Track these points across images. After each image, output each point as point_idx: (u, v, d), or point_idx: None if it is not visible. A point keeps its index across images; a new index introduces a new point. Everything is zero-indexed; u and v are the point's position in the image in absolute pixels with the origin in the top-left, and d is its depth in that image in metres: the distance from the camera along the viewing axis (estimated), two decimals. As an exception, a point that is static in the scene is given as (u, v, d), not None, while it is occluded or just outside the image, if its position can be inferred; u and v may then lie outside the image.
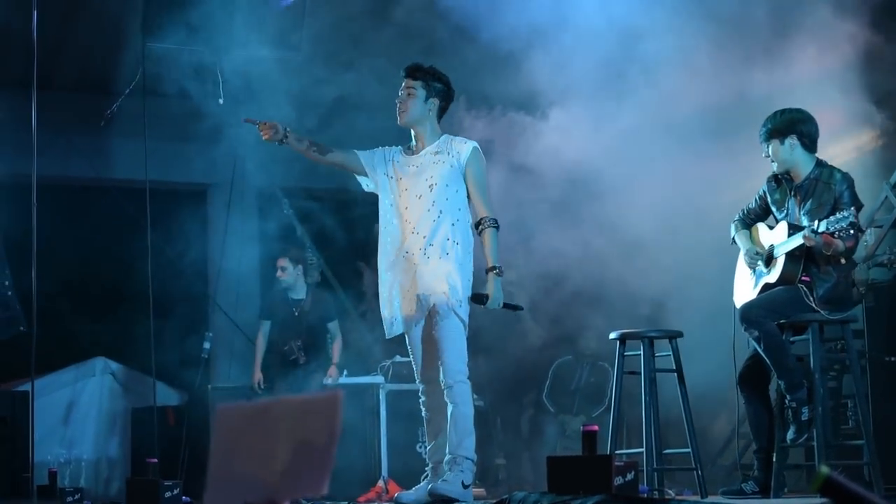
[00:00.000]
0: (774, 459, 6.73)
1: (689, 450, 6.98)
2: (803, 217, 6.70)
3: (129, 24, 9.70)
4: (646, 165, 8.94)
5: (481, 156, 6.69)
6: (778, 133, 6.78)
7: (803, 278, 6.68)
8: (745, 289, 7.00)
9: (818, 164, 6.80)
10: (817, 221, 6.43)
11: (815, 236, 6.43)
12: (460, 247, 6.54)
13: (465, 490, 6.39)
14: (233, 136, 10.54)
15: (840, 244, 6.44)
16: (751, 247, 6.98)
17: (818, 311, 6.64)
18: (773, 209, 6.96)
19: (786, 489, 6.81)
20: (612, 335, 7.17)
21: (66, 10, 10.31)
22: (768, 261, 6.83)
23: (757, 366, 6.82)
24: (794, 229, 6.68)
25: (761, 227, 7.05)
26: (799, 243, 6.57)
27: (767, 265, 6.83)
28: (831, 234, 6.34)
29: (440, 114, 6.77)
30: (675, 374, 7.08)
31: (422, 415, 6.72)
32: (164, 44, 9.65)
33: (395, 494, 6.88)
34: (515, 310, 6.83)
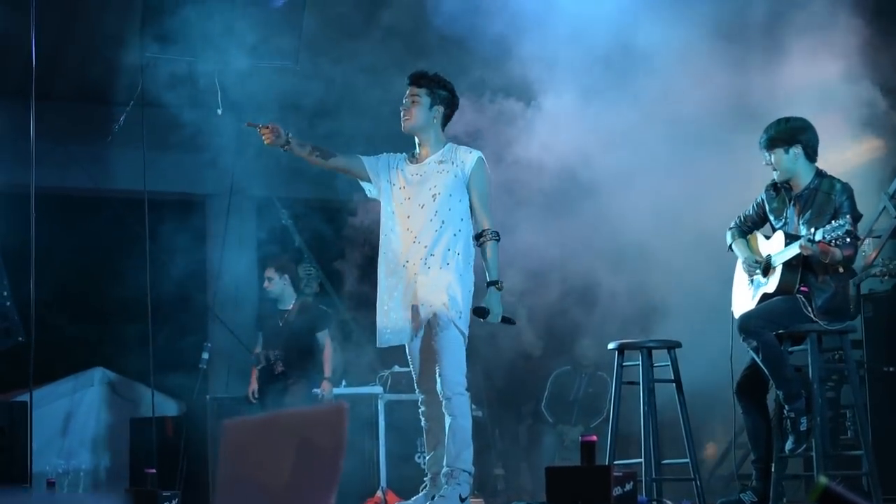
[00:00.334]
0: (773, 470, 6.72)
1: (688, 460, 6.98)
2: (802, 227, 6.70)
3: (127, 34, 9.70)
4: (643, 165, 8.88)
5: (486, 166, 6.64)
6: (782, 142, 6.77)
7: (801, 289, 6.68)
8: (744, 298, 6.99)
9: (818, 173, 6.80)
10: (813, 230, 6.43)
11: (812, 245, 6.43)
12: (461, 257, 6.48)
13: (463, 503, 6.37)
14: (231, 146, 10.54)
15: (837, 252, 6.44)
16: (749, 255, 6.98)
17: (817, 322, 6.64)
18: (771, 218, 6.95)
19: (784, 499, 6.80)
20: (611, 345, 7.16)
21: (65, 20, 10.32)
22: (766, 270, 6.83)
23: (755, 376, 6.82)
24: (790, 239, 6.68)
25: (759, 236, 7.05)
26: (795, 253, 6.57)
27: (765, 275, 6.83)
28: (827, 242, 6.35)
29: (445, 121, 6.71)
30: (674, 385, 7.08)
31: (421, 425, 6.70)
32: (163, 55, 9.65)
33: (393, 505, 6.88)
34: (509, 324, 6.80)
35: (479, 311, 6.51)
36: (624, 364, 7.10)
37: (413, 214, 6.56)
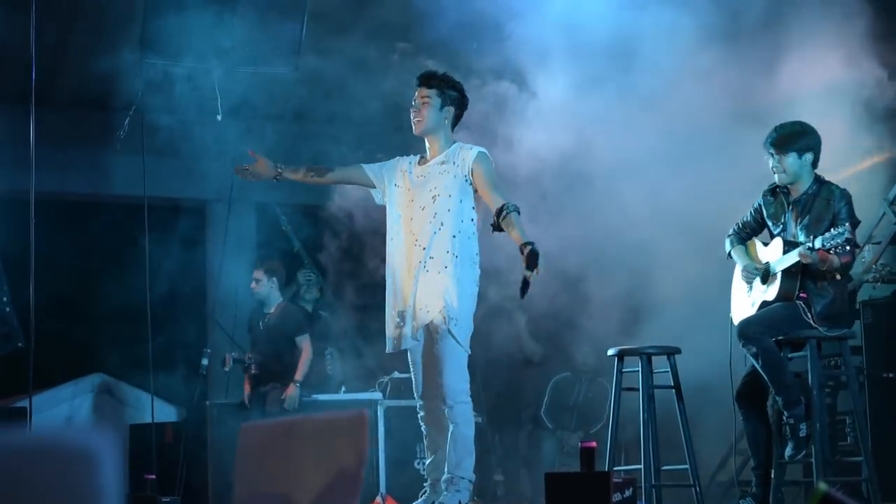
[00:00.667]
0: (772, 476, 6.72)
1: (688, 466, 6.97)
2: (800, 232, 6.70)
3: (127, 40, 9.69)
4: (644, 164, 8.84)
5: (489, 157, 6.52)
6: (797, 147, 6.75)
7: (801, 295, 6.68)
8: (743, 305, 6.99)
9: (816, 179, 6.80)
10: (812, 238, 6.43)
11: (811, 253, 6.43)
12: (459, 260, 6.38)
13: (462, 510, 6.37)
14: (231, 151, 10.53)
15: (835, 260, 6.44)
16: (749, 262, 6.98)
17: (816, 328, 6.64)
18: (769, 223, 6.95)
19: (784, 505, 6.81)
20: (611, 351, 7.16)
21: (65, 26, 10.32)
22: (765, 277, 6.82)
23: (755, 382, 6.82)
24: (789, 246, 6.68)
25: (757, 242, 7.05)
26: (794, 261, 6.57)
27: (764, 282, 6.83)
28: (827, 250, 6.35)
29: (455, 122, 6.64)
30: (674, 391, 7.08)
31: (420, 430, 6.69)
32: (163, 60, 9.65)
33: (393, 511, 6.86)
34: (525, 288, 6.22)
35: (524, 286, 6.10)
36: (623, 370, 7.10)
37: (415, 217, 6.51)
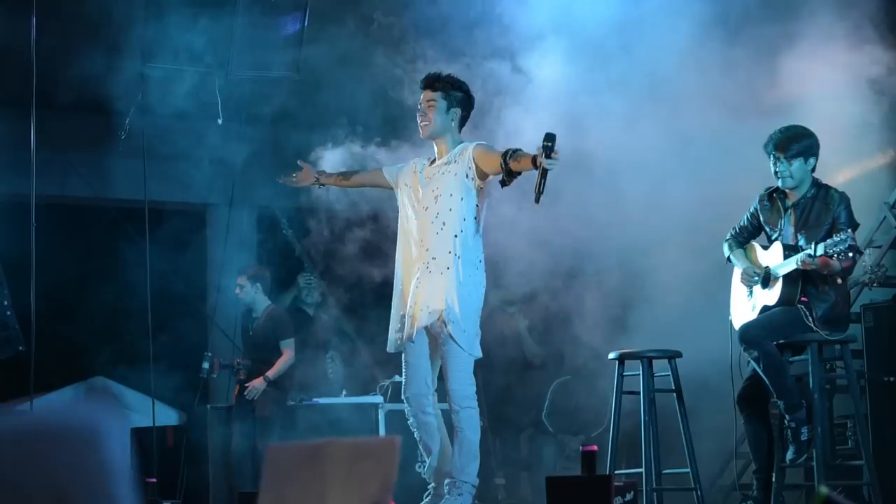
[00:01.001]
0: (774, 479, 6.72)
1: (689, 470, 6.97)
2: (800, 237, 6.69)
3: (128, 44, 9.70)
4: (644, 161, 8.80)
5: (486, 143, 6.48)
6: (805, 152, 6.75)
7: (802, 299, 6.68)
8: (744, 309, 6.98)
9: (814, 183, 6.80)
10: (814, 244, 6.42)
11: (812, 260, 6.43)
12: (462, 261, 6.35)
13: (464, 514, 6.36)
14: (232, 155, 10.54)
15: (837, 265, 6.44)
16: (748, 265, 6.96)
17: (817, 332, 6.64)
18: (766, 228, 6.95)
19: (785, 509, 6.80)
20: (611, 355, 7.15)
21: (65, 30, 10.32)
22: (765, 281, 6.82)
23: (756, 386, 6.81)
24: (789, 250, 6.67)
25: (756, 246, 7.04)
26: (795, 267, 6.56)
27: (765, 286, 6.82)
28: (829, 256, 6.34)
29: (461, 123, 6.61)
30: (675, 394, 7.08)
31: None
32: (164, 64, 9.66)
33: (395, 514, 6.84)
34: (539, 188, 5.98)
35: (538, 193, 5.93)
36: (624, 374, 7.10)
37: (419, 218, 6.50)
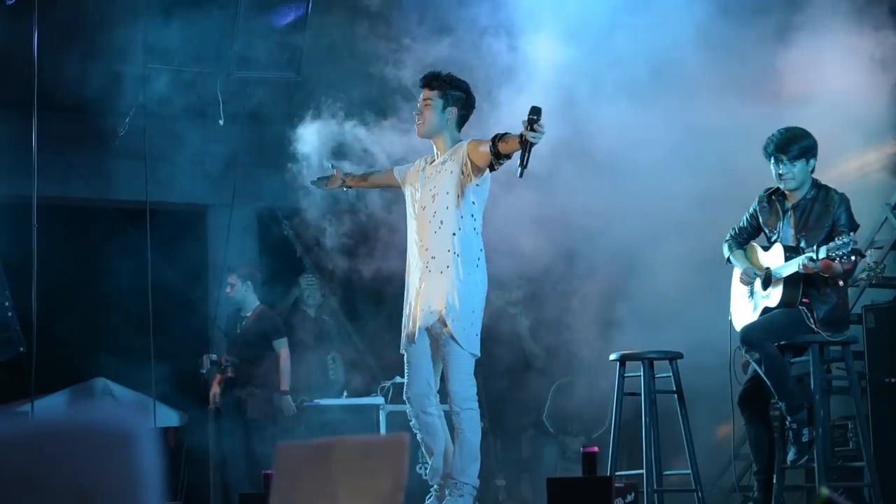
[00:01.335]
0: (774, 481, 6.72)
1: (690, 471, 6.97)
2: (801, 238, 6.69)
3: (129, 44, 9.70)
4: (647, 160, 8.77)
5: (479, 138, 6.42)
6: (807, 153, 6.75)
7: (803, 300, 6.68)
8: (745, 311, 6.98)
9: (814, 184, 6.80)
10: (816, 247, 6.42)
11: (814, 264, 6.43)
12: (461, 259, 6.33)
13: (464, 516, 6.36)
14: (233, 156, 10.54)
15: (839, 268, 6.44)
16: (749, 266, 6.96)
17: (819, 333, 6.64)
18: (765, 230, 6.95)
19: (786, 511, 6.80)
20: (612, 356, 7.15)
21: (67, 30, 10.32)
22: (766, 283, 6.81)
23: (757, 387, 6.81)
24: (790, 252, 6.67)
25: (757, 247, 7.04)
26: (796, 270, 6.56)
27: (766, 287, 6.82)
28: (832, 259, 6.34)
29: (460, 122, 6.58)
30: (676, 395, 7.08)
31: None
32: (165, 65, 9.66)
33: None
34: (524, 161, 5.95)
35: (525, 155, 5.90)
36: (626, 375, 7.10)
37: (419, 217, 6.50)
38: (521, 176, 5.97)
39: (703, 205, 8.35)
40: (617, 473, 7.13)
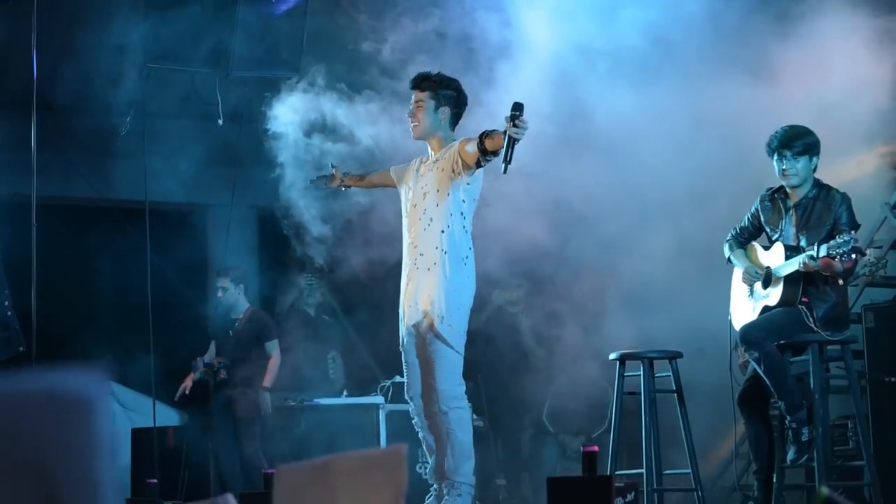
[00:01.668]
0: (774, 480, 6.71)
1: (690, 470, 6.97)
2: (801, 237, 6.69)
3: (129, 44, 9.71)
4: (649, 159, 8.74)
5: (468, 137, 6.36)
6: (811, 151, 6.76)
7: (802, 299, 6.68)
8: (745, 310, 6.98)
9: (816, 183, 6.80)
10: (816, 245, 6.42)
11: (814, 262, 6.43)
12: (449, 257, 6.32)
13: (464, 515, 6.35)
14: (232, 156, 10.54)
15: (839, 266, 6.43)
16: (749, 265, 6.96)
17: (818, 332, 6.63)
18: (767, 229, 6.95)
19: (786, 510, 6.79)
20: (612, 356, 7.15)
21: (66, 31, 10.33)
22: (766, 282, 6.81)
23: (757, 386, 6.80)
24: (791, 251, 6.66)
25: (757, 247, 7.04)
26: (796, 269, 6.56)
27: (766, 286, 6.82)
28: (832, 257, 6.34)
29: (454, 121, 6.57)
30: (675, 395, 7.07)
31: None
32: (164, 64, 9.66)
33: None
34: (507, 157, 5.96)
35: (508, 150, 5.91)
36: (625, 374, 7.09)
37: (411, 215, 6.52)
38: (506, 172, 6.00)
39: (698, 186, 8.34)
40: (617, 473, 7.12)
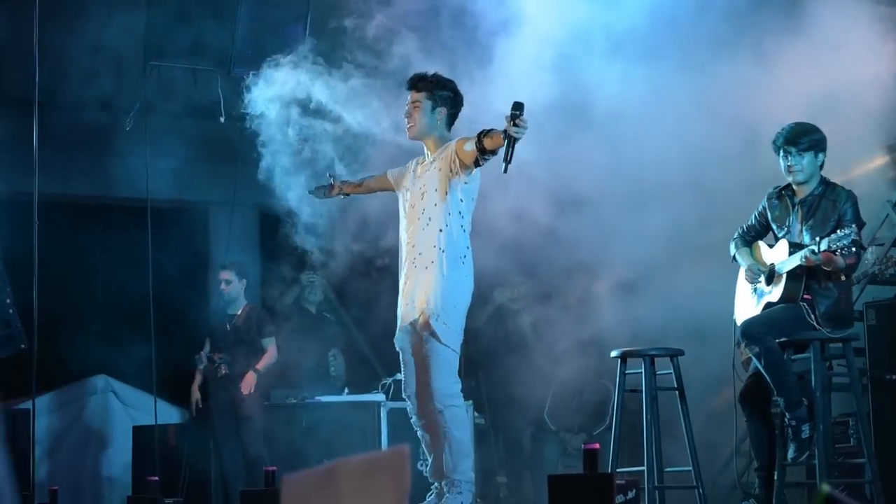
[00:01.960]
0: (775, 477, 6.71)
1: (691, 468, 6.97)
2: (805, 233, 6.69)
3: (131, 42, 9.71)
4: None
5: (466, 136, 6.35)
6: (817, 147, 6.76)
7: (804, 296, 6.68)
8: (747, 306, 6.98)
9: (822, 181, 6.80)
10: (818, 240, 6.42)
11: (815, 256, 6.43)
12: (447, 255, 6.32)
13: (465, 512, 6.35)
14: (234, 153, 10.53)
15: (840, 261, 6.43)
16: (753, 263, 6.96)
17: (820, 329, 6.63)
18: (773, 226, 6.94)
19: (787, 508, 6.79)
20: (614, 353, 7.15)
21: (68, 28, 10.33)
22: (770, 279, 6.81)
23: (758, 384, 6.80)
24: (794, 248, 6.67)
25: (762, 245, 7.04)
26: (799, 263, 6.56)
27: (769, 283, 6.82)
28: (832, 251, 6.34)
29: (450, 121, 6.58)
30: (677, 392, 7.07)
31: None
32: (166, 62, 9.67)
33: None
34: (507, 156, 5.97)
35: (508, 151, 5.91)
36: (627, 372, 7.09)
37: (409, 215, 6.53)
38: (506, 171, 5.99)
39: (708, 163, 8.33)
40: (618, 470, 7.12)
